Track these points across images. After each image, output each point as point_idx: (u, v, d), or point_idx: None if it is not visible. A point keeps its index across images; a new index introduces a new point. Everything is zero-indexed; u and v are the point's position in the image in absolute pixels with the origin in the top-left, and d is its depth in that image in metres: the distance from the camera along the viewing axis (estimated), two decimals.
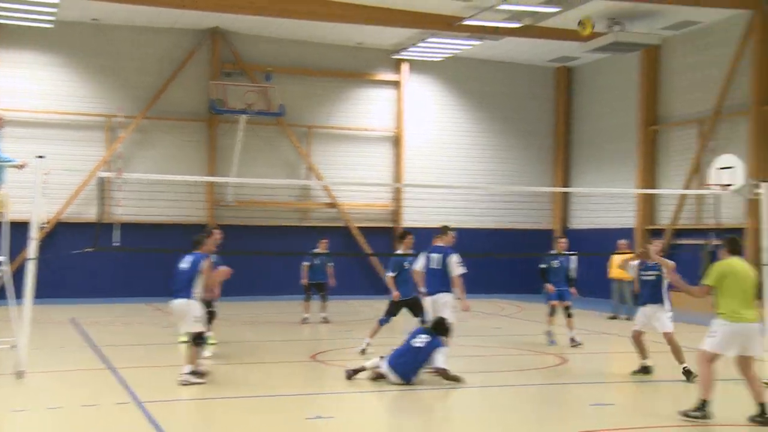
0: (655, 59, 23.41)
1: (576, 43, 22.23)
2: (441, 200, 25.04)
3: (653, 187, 23.17)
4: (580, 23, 19.10)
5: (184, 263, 10.31)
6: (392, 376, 10.04)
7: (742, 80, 20.49)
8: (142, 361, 12.27)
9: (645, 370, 11.11)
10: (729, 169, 18.46)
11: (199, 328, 10.14)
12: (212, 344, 12.76)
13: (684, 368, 10.68)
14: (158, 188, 19.05)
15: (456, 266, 11.33)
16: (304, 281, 17.43)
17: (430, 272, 11.57)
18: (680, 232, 22.41)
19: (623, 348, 15.08)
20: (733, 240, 8.82)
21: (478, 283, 19.66)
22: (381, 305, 19.95)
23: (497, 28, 21.74)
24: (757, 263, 16.00)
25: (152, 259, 21.29)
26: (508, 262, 25.96)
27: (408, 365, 10.07)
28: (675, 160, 22.84)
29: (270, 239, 23.79)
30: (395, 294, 12.52)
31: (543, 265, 14.38)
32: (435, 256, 11.55)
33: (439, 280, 11.41)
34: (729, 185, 17.68)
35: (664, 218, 22.96)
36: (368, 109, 25.70)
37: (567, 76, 27.22)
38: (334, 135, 25.35)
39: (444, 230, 11.87)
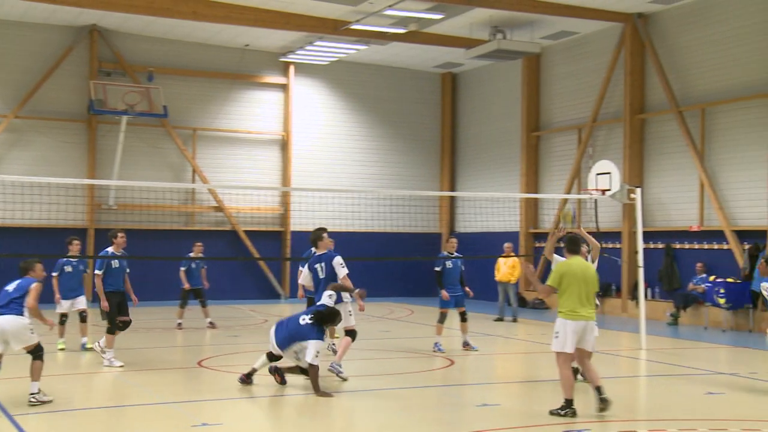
0: (536, 67, 24.16)
1: (460, 50, 22.71)
2: (329, 204, 25.02)
3: (536, 192, 23.88)
4: (563, 217, 19.28)
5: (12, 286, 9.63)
6: (271, 341, 10.20)
7: (617, 89, 21.39)
8: (9, 372, 11.73)
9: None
10: (606, 175, 19.28)
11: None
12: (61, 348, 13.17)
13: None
14: (35, 191, 18.28)
15: (340, 268, 10.89)
16: (186, 286, 17.13)
17: (321, 284, 10.98)
18: (562, 236, 23.14)
19: (509, 349, 15.54)
20: (572, 239, 9.16)
21: (368, 287, 19.75)
22: (270, 309, 19.86)
23: (383, 33, 21.98)
24: (634, 265, 16.76)
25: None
26: (397, 266, 26.25)
27: (283, 333, 10.17)
28: (556, 165, 23.62)
29: (154, 243, 23.23)
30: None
31: (437, 268, 14.13)
32: (319, 266, 11.06)
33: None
34: (606, 190, 18.45)
35: (547, 222, 23.70)
36: (255, 111, 25.51)
37: (452, 81, 27.76)
38: (220, 137, 25.04)
39: (319, 235, 11.20)
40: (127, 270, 12.57)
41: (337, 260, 10.93)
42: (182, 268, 17.23)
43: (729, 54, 18.83)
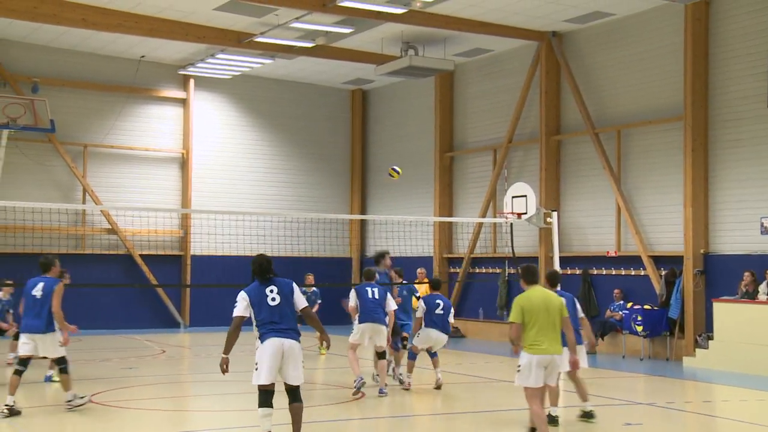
0: (450, 85, 24.29)
1: (371, 66, 22.65)
2: (233, 227, 24.55)
3: (451, 215, 23.92)
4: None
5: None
6: None
7: (533, 109, 21.64)
8: None
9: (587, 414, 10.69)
10: (522, 198, 19.45)
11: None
12: None
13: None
14: None
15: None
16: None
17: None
18: (477, 260, 23.25)
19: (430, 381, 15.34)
20: (529, 269, 9.06)
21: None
22: (169, 339, 19.25)
23: (290, 46, 21.78)
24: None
25: None
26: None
27: None
28: (471, 187, 23.71)
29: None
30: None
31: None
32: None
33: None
34: (522, 213, 18.58)
35: (462, 246, 23.74)
36: (152, 127, 24.89)
37: (362, 99, 27.69)
38: (114, 155, 24.32)
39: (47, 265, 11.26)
40: None
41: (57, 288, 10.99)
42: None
43: (644, 75, 19.26)
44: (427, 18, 19.34)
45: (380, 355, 12.63)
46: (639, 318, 17.91)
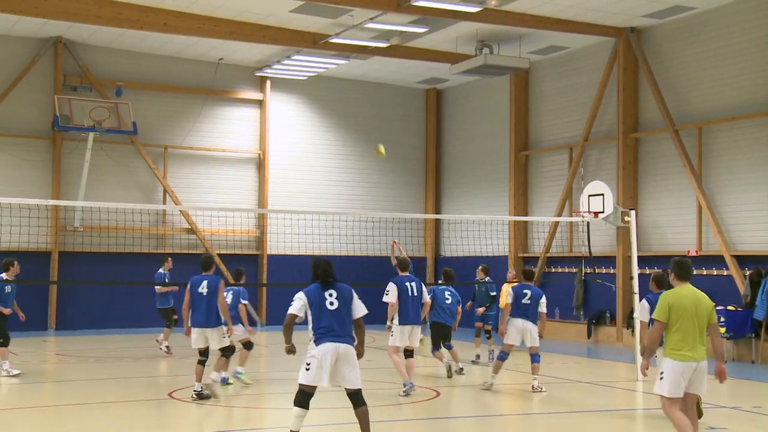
0: (525, 83, 24.18)
1: (445, 65, 22.69)
2: (308, 226, 24.86)
3: (526, 214, 23.81)
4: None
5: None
6: None
7: (610, 107, 21.40)
8: None
9: None
10: (599, 196, 19.25)
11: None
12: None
13: None
14: None
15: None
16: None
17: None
18: (553, 260, 23.10)
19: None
20: (680, 262, 8.26)
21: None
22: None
23: (365, 47, 21.95)
24: (629, 291, 16.66)
25: None
26: (379, 291, 25.96)
27: None
28: (547, 186, 23.57)
29: (123, 267, 22.97)
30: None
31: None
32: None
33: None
34: (599, 212, 18.40)
35: (537, 246, 23.61)
36: (230, 128, 25.36)
37: (437, 98, 27.74)
38: (193, 156, 24.86)
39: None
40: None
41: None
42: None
43: (727, 70, 18.88)
44: (501, 16, 19.31)
45: (409, 353, 12.47)
46: (722, 319, 17.54)
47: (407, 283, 12.33)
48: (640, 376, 14.13)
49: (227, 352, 11.93)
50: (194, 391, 11.56)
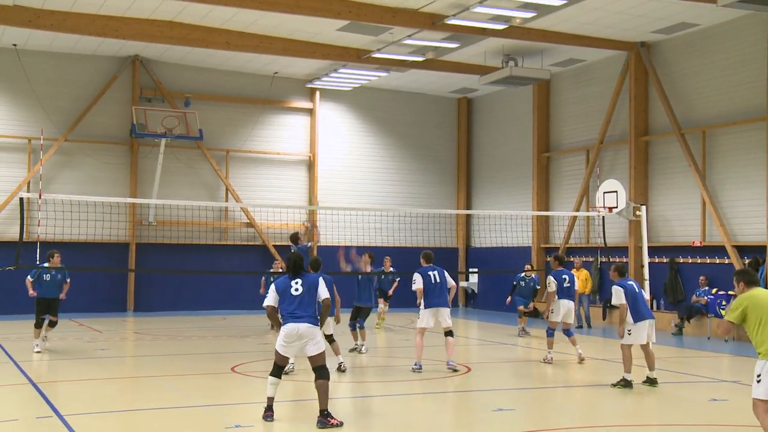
0: (546, 92, 24.15)
1: (475, 76, 22.75)
2: (352, 221, 25.10)
3: (547, 209, 23.80)
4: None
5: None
6: None
7: (623, 113, 21.32)
8: (63, 375, 11.86)
9: (650, 381, 11.05)
10: (613, 193, 19.23)
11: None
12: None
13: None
14: (82, 209, 18.55)
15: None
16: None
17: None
18: (571, 250, 23.09)
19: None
20: (745, 272, 7.18)
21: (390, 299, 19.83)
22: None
23: (403, 60, 22.09)
24: (640, 278, 16.65)
25: (75, 277, 20.62)
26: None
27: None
28: (566, 184, 23.55)
29: (191, 257, 23.46)
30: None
31: (514, 282, 17.80)
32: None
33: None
34: (613, 207, 18.39)
35: (557, 238, 23.61)
36: (283, 134, 25.65)
37: (467, 106, 27.79)
38: (251, 158, 25.18)
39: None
40: (67, 280, 14.36)
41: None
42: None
43: (727, 80, 18.74)
44: (525, 32, 19.34)
45: (448, 333, 12.62)
46: (724, 303, 17.49)
47: (430, 272, 12.56)
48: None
49: (330, 340, 12.23)
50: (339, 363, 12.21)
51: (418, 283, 12.53)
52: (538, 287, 18.67)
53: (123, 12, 19.23)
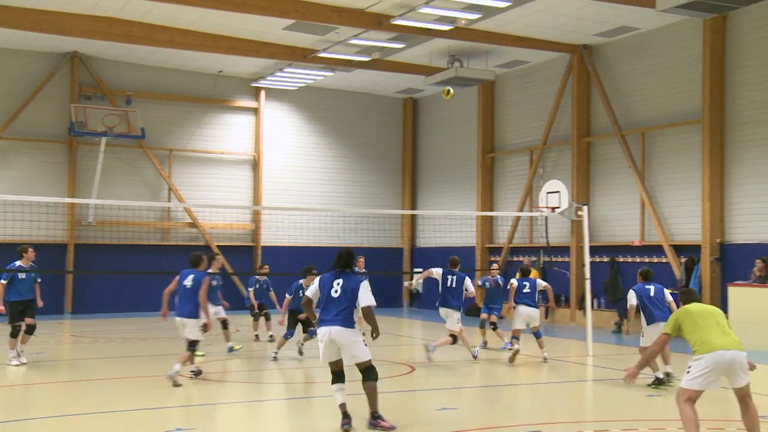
0: (491, 93, 24.42)
1: (420, 77, 22.88)
2: (298, 221, 25.05)
3: (491, 209, 24.06)
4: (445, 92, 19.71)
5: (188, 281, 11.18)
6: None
7: (565, 114, 21.68)
8: None
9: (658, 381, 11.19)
10: (556, 193, 19.52)
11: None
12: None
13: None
14: (17, 209, 18.10)
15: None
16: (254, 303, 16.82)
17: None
18: (515, 250, 23.38)
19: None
20: (686, 292, 7.94)
21: None
22: (241, 320, 19.71)
23: (349, 60, 22.10)
24: (581, 277, 16.95)
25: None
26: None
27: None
28: (510, 184, 23.83)
29: (131, 258, 23.06)
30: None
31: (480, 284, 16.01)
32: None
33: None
34: (556, 208, 18.67)
35: (501, 238, 23.88)
36: (228, 133, 25.42)
37: (413, 106, 27.93)
38: (195, 158, 24.90)
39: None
40: (38, 280, 13.10)
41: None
42: (251, 288, 16.85)
43: (665, 83, 19.21)
44: (470, 34, 19.52)
45: (453, 339, 13.20)
46: None
47: (449, 276, 13.33)
48: (591, 351, 14.42)
49: (192, 346, 11.26)
50: (191, 371, 11.54)
51: (436, 274, 13.46)
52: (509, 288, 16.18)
53: (61, 7, 18.82)
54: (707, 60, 17.74)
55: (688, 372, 7.12)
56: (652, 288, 11.52)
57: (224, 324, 14.64)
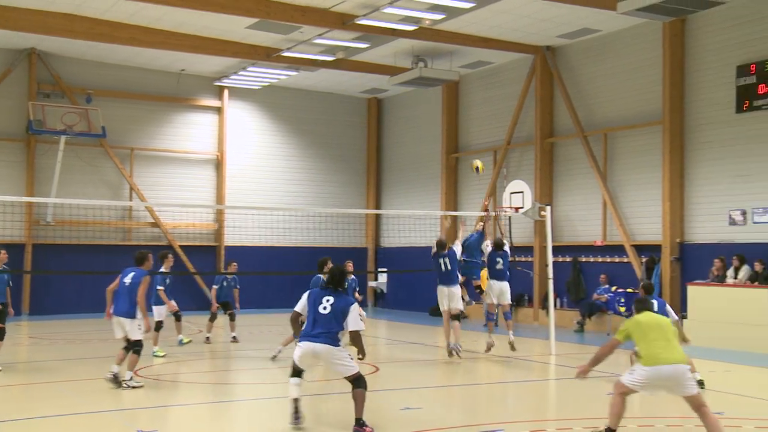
0: (455, 94, 24.53)
1: (385, 77, 22.90)
2: (262, 221, 24.93)
3: (456, 209, 24.16)
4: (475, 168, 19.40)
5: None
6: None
7: (529, 115, 21.86)
8: None
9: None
10: (519, 194, 19.67)
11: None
12: None
13: None
14: None
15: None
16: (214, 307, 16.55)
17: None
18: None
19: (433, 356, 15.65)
20: (639, 300, 8.25)
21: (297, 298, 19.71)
22: (203, 320, 19.59)
23: (313, 60, 22.05)
24: (544, 277, 17.07)
25: None
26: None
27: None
28: (474, 184, 23.95)
29: (92, 258, 22.74)
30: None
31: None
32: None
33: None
34: (519, 208, 18.82)
35: None
36: (191, 132, 25.22)
37: (377, 106, 27.95)
38: (157, 157, 24.66)
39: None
40: (9, 283, 12.63)
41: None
42: (215, 286, 16.65)
43: (627, 84, 19.47)
44: (435, 34, 19.59)
45: (454, 317, 13.52)
46: (622, 300, 18.15)
47: (440, 260, 13.68)
48: (553, 350, 14.56)
49: (136, 346, 10.77)
50: (111, 372, 10.82)
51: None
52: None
53: (18, 2, 18.50)
54: (667, 62, 18.02)
55: (632, 372, 7.63)
56: (654, 302, 11.58)
57: (158, 326, 14.33)
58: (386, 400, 10.57)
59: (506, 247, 14.64)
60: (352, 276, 17.16)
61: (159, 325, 14.38)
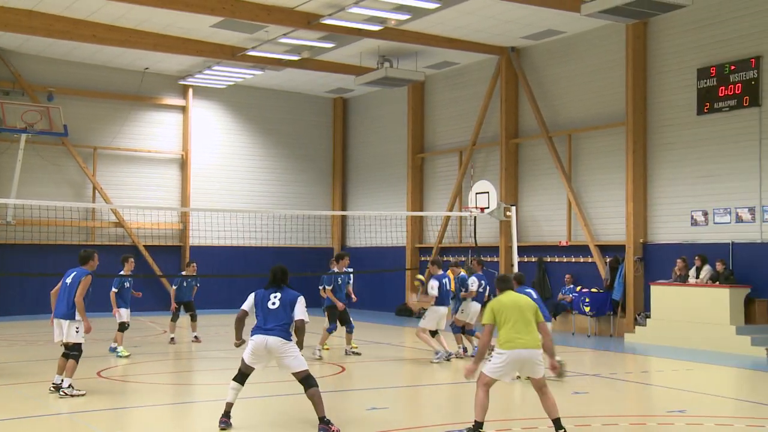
0: (421, 94, 24.59)
1: (350, 77, 22.89)
2: (227, 221, 24.72)
3: (422, 209, 24.23)
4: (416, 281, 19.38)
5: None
6: None
7: (494, 115, 21.97)
8: None
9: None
10: (485, 194, 19.77)
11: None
12: None
13: None
14: None
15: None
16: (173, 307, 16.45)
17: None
18: (445, 250, 23.59)
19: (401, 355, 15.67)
20: (502, 277, 8.36)
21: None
22: (167, 321, 19.41)
23: (278, 59, 21.96)
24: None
25: None
26: (292, 280, 25.95)
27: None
28: (440, 185, 24.05)
29: (54, 258, 22.35)
30: (340, 305, 14.60)
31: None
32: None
33: None
34: (485, 208, 18.91)
35: (431, 237, 24.06)
36: (155, 131, 24.98)
37: (343, 106, 27.92)
38: (120, 156, 24.39)
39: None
40: None
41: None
42: (173, 287, 16.50)
43: (591, 86, 19.67)
44: (400, 34, 19.62)
45: (434, 333, 13.88)
46: (587, 300, 18.33)
47: (444, 279, 13.95)
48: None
49: (74, 351, 10.27)
50: (53, 383, 10.45)
51: (434, 289, 13.65)
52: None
53: None
54: (630, 64, 18.24)
55: (489, 360, 7.99)
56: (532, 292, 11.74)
57: (122, 327, 14.23)
58: (352, 400, 10.56)
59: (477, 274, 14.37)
60: (350, 269, 16.68)
61: (124, 326, 14.16)
